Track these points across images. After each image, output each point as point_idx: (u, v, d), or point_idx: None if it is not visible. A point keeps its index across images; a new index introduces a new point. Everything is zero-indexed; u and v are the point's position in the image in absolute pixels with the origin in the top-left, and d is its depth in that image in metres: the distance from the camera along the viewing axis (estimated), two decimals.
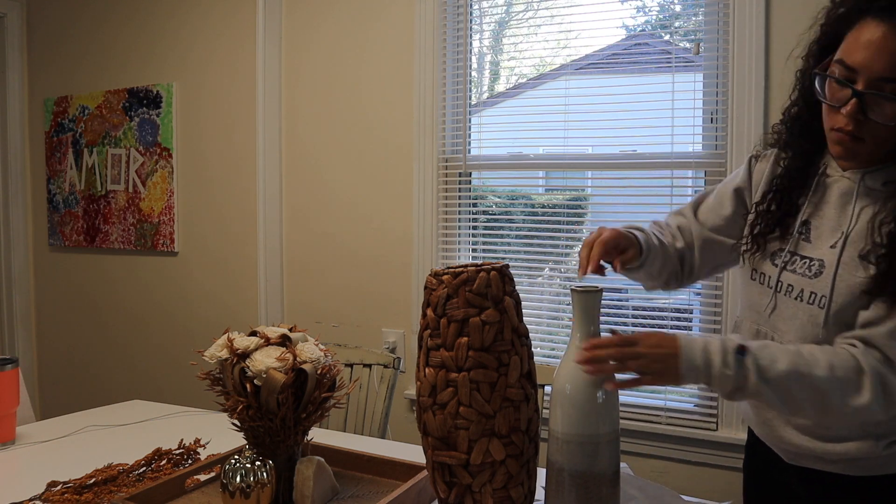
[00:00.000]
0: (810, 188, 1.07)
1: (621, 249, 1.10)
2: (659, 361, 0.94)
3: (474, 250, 2.39)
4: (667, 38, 2.14)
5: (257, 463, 1.05)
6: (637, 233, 1.16)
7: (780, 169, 1.12)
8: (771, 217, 1.11)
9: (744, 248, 1.16)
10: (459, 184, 2.36)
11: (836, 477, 1.08)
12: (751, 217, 1.16)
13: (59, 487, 1.21)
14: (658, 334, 0.96)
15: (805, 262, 1.05)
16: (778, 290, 1.08)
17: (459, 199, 2.37)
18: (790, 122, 1.10)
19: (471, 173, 2.38)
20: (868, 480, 1.06)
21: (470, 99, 2.36)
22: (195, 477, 1.20)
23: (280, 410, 1.07)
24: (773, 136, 1.15)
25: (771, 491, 1.22)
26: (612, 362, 0.92)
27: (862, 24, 0.91)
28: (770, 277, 1.10)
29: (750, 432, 1.27)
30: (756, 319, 1.14)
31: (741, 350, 0.94)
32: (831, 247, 1.02)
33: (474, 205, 2.40)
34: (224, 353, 1.11)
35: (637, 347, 0.93)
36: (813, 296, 1.03)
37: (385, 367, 1.85)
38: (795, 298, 1.05)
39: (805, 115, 1.06)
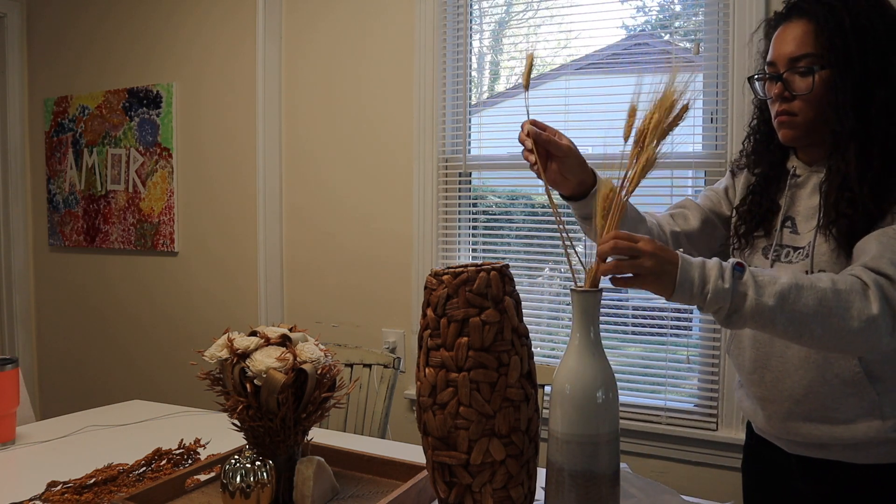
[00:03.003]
0: (785, 188, 1.16)
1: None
2: (658, 263, 0.90)
3: (474, 250, 2.39)
4: (667, 38, 2.14)
5: (257, 463, 1.05)
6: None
7: (753, 177, 1.22)
8: (752, 216, 1.19)
9: (733, 247, 1.23)
10: (459, 184, 2.36)
11: (841, 468, 1.08)
12: (734, 220, 1.23)
13: (59, 487, 1.21)
14: (659, 243, 0.92)
15: (798, 252, 1.11)
16: None
17: (459, 199, 2.37)
18: (754, 134, 1.22)
19: (471, 173, 2.38)
20: (874, 470, 1.06)
21: (470, 99, 2.36)
22: (195, 477, 1.20)
23: (280, 410, 1.07)
24: (741, 160, 1.26)
25: (773, 491, 1.22)
26: (610, 259, 0.90)
27: (776, 32, 1.12)
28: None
29: (749, 433, 1.28)
30: None
31: (739, 266, 0.91)
32: (815, 231, 1.09)
33: (474, 205, 2.40)
34: (224, 353, 1.11)
35: (638, 244, 0.90)
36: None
37: (385, 367, 1.85)
38: None
39: (763, 126, 1.20)
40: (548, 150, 1.10)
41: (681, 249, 0.96)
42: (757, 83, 1.15)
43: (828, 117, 1.05)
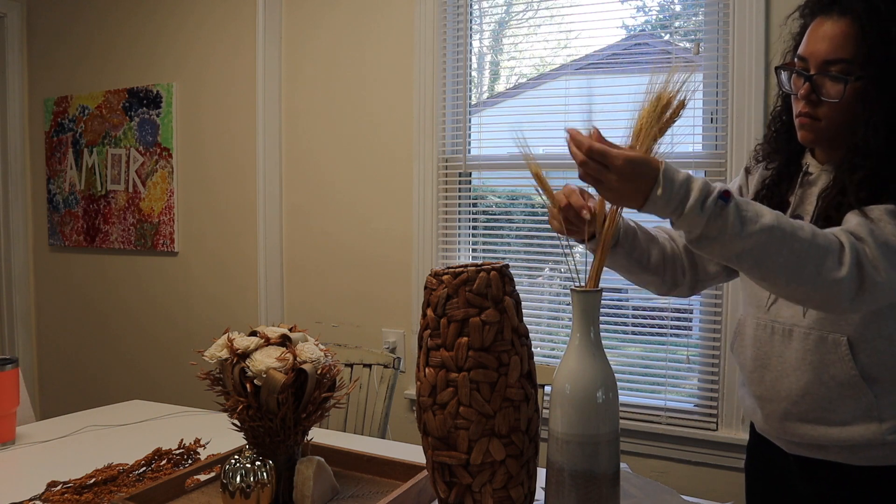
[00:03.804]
0: (796, 185, 1.14)
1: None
2: (625, 187, 0.87)
3: (474, 250, 2.39)
4: (667, 38, 2.13)
5: (257, 463, 1.05)
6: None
7: (768, 172, 1.19)
8: None
9: None
10: (459, 184, 2.36)
11: (839, 469, 1.08)
12: None
13: (59, 487, 1.21)
14: (636, 160, 0.86)
15: None
16: None
17: (459, 199, 2.37)
18: (775, 123, 1.19)
19: (471, 173, 2.38)
20: (872, 472, 1.06)
21: (470, 99, 2.36)
22: (195, 477, 1.20)
23: (280, 410, 1.07)
24: (759, 151, 1.23)
25: (774, 491, 1.22)
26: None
27: (813, 23, 1.05)
28: None
29: (752, 432, 1.27)
30: (756, 314, 1.16)
31: (725, 196, 0.88)
32: None
33: (474, 205, 2.40)
34: (224, 353, 1.11)
35: (608, 173, 0.86)
36: None
37: (385, 367, 1.85)
38: None
39: (786, 115, 1.16)
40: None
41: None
42: (783, 73, 1.10)
43: (854, 129, 1.00)
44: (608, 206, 0.96)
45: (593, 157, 0.87)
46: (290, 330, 1.17)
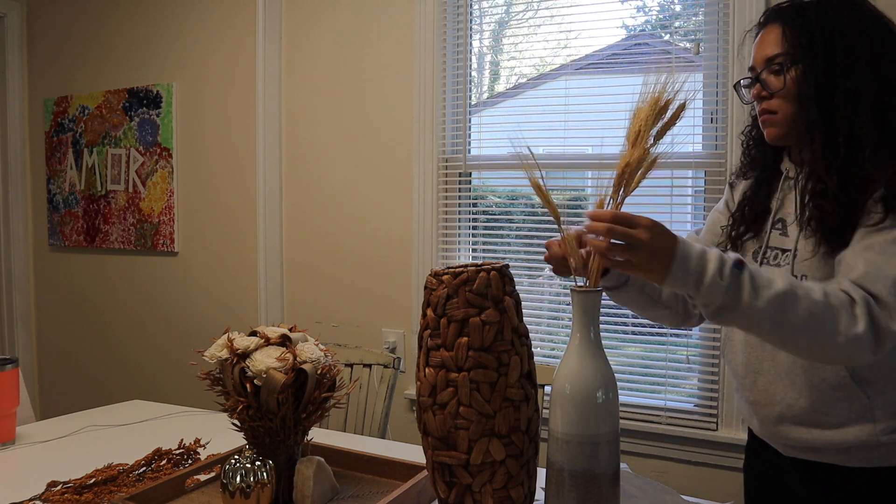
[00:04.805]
0: (776, 190, 1.17)
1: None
2: (653, 256, 0.89)
3: (474, 250, 2.39)
4: (667, 38, 2.14)
5: (257, 463, 1.06)
6: None
7: (748, 182, 1.24)
8: (744, 220, 1.20)
9: (725, 249, 1.22)
10: (459, 184, 2.36)
11: (835, 471, 1.08)
12: (728, 223, 1.24)
13: (59, 487, 1.21)
14: (661, 226, 0.90)
15: (787, 254, 1.11)
16: None
17: (459, 199, 2.37)
18: (748, 139, 1.25)
19: (471, 173, 2.38)
20: (868, 473, 1.06)
21: (470, 99, 2.36)
22: (195, 477, 1.20)
23: (280, 410, 1.07)
24: (738, 167, 1.28)
25: (772, 492, 1.22)
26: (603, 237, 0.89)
27: (756, 39, 1.16)
28: None
29: (750, 433, 1.28)
30: None
31: (739, 264, 0.91)
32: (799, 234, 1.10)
33: (474, 205, 2.40)
34: (224, 353, 1.11)
35: (636, 233, 0.88)
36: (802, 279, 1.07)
37: (385, 367, 1.85)
38: None
39: (758, 129, 1.21)
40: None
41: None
42: (743, 89, 1.19)
43: (806, 113, 1.07)
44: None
45: (619, 222, 0.89)
46: (290, 330, 1.17)
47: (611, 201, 0.94)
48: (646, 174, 0.93)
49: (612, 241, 0.89)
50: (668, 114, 0.92)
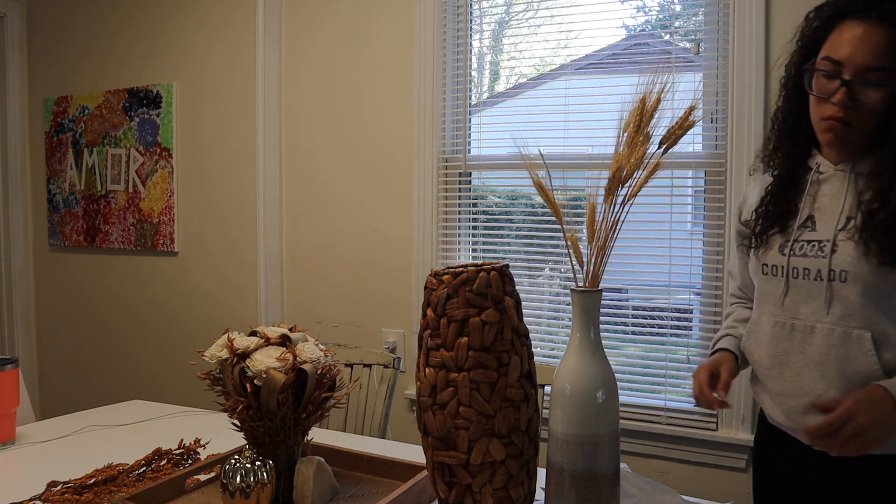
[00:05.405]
0: (805, 188, 1.15)
1: (717, 374, 1.22)
2: (883, 427, 0.95)
3: (474, 250, 2.39)
4: (667, 38, 2.14)
5: (257, 463, 1.05)
6: (725, 344, 1.29)
7: (770, 179, 1.22)
8: (769, 216, 1.19)
9: (749, 246, 1.23)
10: (459, 184, 2.36)
11: (859, 458, 1.08)
12: (752, 220, 1.23)
13: (59, 487, 1.21)
14: (859, 397, 0.95)
15: (814, 245, 1.11)
16: (793, 275, 1.13)
17: (459, 199, 2.37)
18: (778, 124, 1.19)
19: (471, 173, 2.38)
20: (889, 459, 1.08)
21: (470, 99, 2.36)
22: (195, 477, 1.20)
23: (280, 410, 1.07)
24: (763, 155, 1.25)
25: (785, 481, 1.22)
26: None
27: (842, 25, 1.03)
28: (779, 267, 1.16)
29: (761, 424, 1.28)
30: (773, 311, 1.18)
31: None
32: (837, 229, 1.10)
33: (474, 205, 2.40)
34: (224, 353, 1.11)
35: (856, 425, 0.94)
36: (832, 273, 1.08)
37: (385, 367, 1.85)
38: (814, 279, 1.10)
39: (791, 117, 1.16)
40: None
41: None
42: (806, 74, 1.09)
43: (890, 136, 1.02)
44: None
45: (838, 429, 0.94)
46: (290, 330, 1.17)
47: (604, 207, 0.95)
48: (648, 179, 0.93)
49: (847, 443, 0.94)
50: (661, 116, 0.92)
